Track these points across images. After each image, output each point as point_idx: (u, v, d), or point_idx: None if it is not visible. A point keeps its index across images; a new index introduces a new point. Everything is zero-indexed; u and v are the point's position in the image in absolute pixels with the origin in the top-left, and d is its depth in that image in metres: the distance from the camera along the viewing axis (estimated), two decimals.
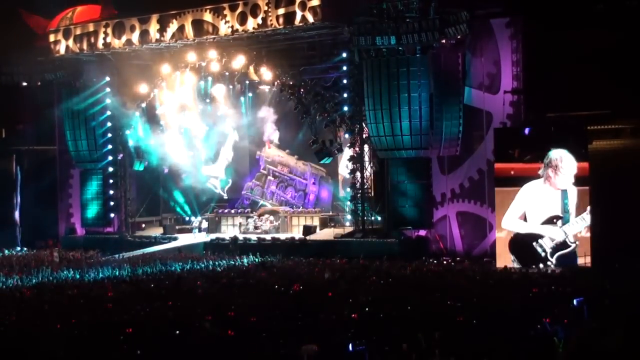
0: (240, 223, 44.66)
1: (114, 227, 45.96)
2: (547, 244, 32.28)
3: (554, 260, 32.04)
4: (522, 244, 32.74)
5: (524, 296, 23.41)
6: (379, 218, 39.08)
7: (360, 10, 36.45)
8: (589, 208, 31.52)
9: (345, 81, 38.97)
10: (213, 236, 42.61)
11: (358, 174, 38.64)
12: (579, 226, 31.80)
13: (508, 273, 30.13)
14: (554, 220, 32.29)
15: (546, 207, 32.33)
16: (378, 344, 16.82)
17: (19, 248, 45.07)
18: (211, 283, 28.60)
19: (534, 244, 32.54)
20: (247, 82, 43.80)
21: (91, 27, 42.80)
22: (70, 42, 43.21)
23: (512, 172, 32.49)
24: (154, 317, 21.70)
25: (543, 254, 32.29)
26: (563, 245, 32.04)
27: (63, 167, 47.95)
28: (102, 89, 44.34)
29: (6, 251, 43.41)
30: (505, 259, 32.46)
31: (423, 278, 28.98)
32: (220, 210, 46.52)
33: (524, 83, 34.85)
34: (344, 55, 38.32)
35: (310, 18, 36.50)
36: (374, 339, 17.08)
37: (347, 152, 39.74)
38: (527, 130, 30.18)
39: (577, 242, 31.72)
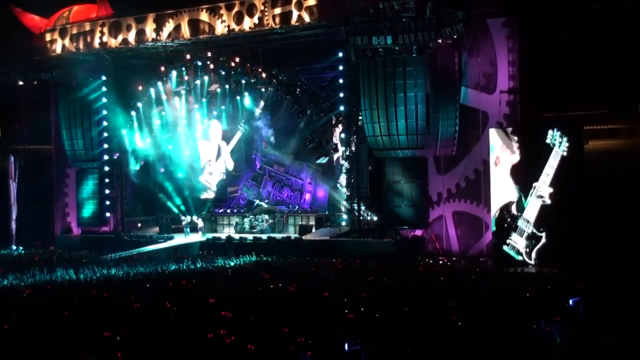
0: (236, 222, 44.64)
1: (110, 226, 45.92)
2: (518, 243, 32.31)
3: (533, 259, 31.87)
4: (495, 249, 33.03)
5: (520, 296, 23.44)
6: (375, 218, 39.08)
7: (357, 10, 36.41)
8: (535, 185, 31.67)
9: (341, 81, 38.93)
10: (209, 236, 42.59)
11: (354, 174, 38.61)
12: (536, 207, 31.79)
13: (504, 273, 30.14)
14: (510, 206, 32.63)
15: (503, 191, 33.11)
16: (374, 344, 16.82)
17: (14, 247, 45.02)
18: (207, 283, 28.58)
19: (505, 247, 32.73)
20: (244, 81, 43.74)
21: (87, 26, 42.77)
22: (67, 41, 43.19)
23: None
24: (151, 317, 21.70)
25: (520, 257, 32.17)
26: (534, 237, 31.97)
27: (59, 166, 47.87)
28: (98, 88, 44.22)
29: (1, 251, 43.40)
30: None
31: (419, 278, 28.99)
32: (216, 210, 46.51)
33: (520, 83, 34.83)
34: (340, 54, 38.29)
35: (307, 18, 36.52)
36: (371, 339, 17.09)
37: (344, 152, 39.69)
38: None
39: (542, 229, 31.72)
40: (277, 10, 37.19)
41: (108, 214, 45.53)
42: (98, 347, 17.92)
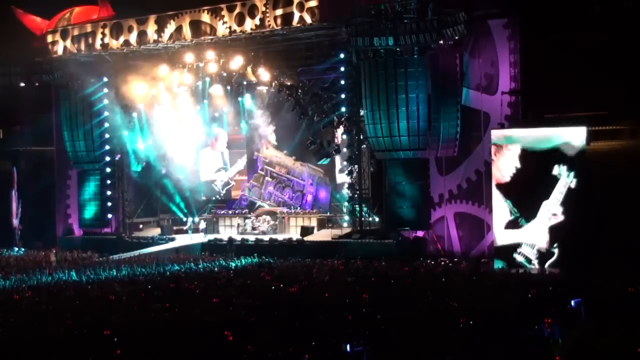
0: (238, 224, 44.60)
1: (112, 227, 45.92)
2: (529, 253, 32.06)
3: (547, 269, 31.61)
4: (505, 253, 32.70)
5: (521, 297, 23.42)
6: (377, 219, 39.05)
7: (358, 11, 36.41)
8: (545, 202, 31.37)
9: (342, 82, 38.92)
10: (211, 237, 42.58)
11: (355, 175, 38.57)
12: (546, 223, 31.48)
13: (506, 274, 30.12)
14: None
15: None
16: (376, 345, 16.81)
17: (16, 249, 45.03)
18: (209, 284, 28.57)
19: (516, 255, 32.38)
20: (245, 82, 43.69)
21: (89, 28, 42.80)
22: (68, 42, 43.20)
23: None
24: (152, 318, 21.70)
25: (531, 265, 31.90)
26: (546, 252, 31.64)
27: (61, 167, 47.90)
28: (99, 89, 44.29)
29: (4, 252, 43.40)
30: None
31: (421, 279, 28.97)
32: (217, 211, 46.50)
33: (521, 84, 34.84)
34: (342, 56, 38.28)
35: (308, 19, 36.50)
36: (372, 340, 17.08)
37: (345, 153, 39.66)
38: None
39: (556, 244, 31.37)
40: (279, 12, 37.16)
41: (110, 215, 45.55)
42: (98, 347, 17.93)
